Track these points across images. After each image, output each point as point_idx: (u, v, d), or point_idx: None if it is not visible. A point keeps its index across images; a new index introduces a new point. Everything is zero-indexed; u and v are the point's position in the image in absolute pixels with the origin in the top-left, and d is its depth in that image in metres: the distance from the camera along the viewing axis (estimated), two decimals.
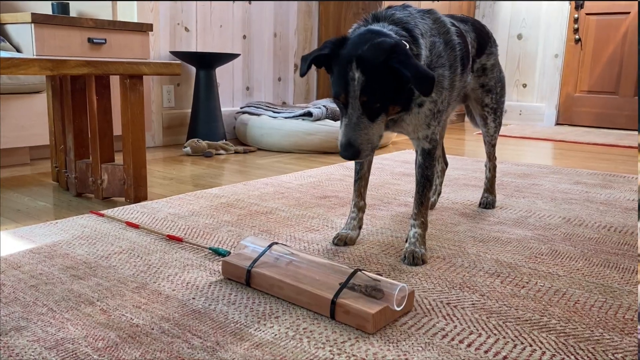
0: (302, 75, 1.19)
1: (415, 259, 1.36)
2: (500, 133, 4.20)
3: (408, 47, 1.17)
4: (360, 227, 1.53)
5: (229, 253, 1.38)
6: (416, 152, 1.41)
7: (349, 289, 1.08)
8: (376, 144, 1.17)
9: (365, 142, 1.14)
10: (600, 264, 1.40)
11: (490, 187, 1.94)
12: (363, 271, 1.10)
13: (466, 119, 1.98)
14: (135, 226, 1.60)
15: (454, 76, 1.37)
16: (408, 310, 1.10)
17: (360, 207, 1.52)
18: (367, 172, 1.51)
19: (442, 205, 1.96)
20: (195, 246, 1.46)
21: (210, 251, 1.42)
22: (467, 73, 1.53)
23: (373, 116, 1.14)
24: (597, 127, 4.72)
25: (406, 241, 1.43)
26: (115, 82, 2.78)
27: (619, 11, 4.51)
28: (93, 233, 1.55)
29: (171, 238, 1.50)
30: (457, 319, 1.08)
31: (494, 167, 1.94)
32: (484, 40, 1.69)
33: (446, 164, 1.98)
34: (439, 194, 1.95)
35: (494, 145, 1.89)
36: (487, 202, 1.92)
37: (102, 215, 1.71)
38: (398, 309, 1.05)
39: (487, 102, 1.78)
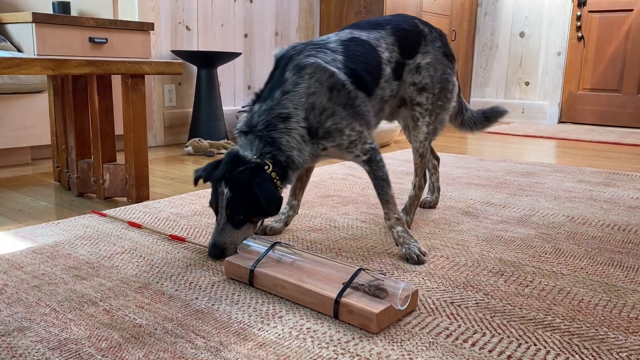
0: (194, 185, 1.43)
1: (418, 257, 1.36)
2: (504, 131, 4.18)
3: (269, 165, 1.32)
4: (286, 224, 1.62)
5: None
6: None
7: (352, 288, 1.07)
8: (239, 244, 1.33)
9: (229, 244, 1.34)
10: (604, 262, 1.39)
11: (409, 206, 1.66)
12: (366, 270, 1.10)
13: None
14: (138, 226, 1.60)
15: (355, 107, 1.39)
16: (412, 309, 1.10)
17: (292, 205, 1.62)
18: (304, 174, 1.61)
19: (445, 204, 1.96)
20: (198, 246, 1.46)
21: None
22: (384, 85, 1.49)
23: (238, 224, 1.33)
24: (600, 125, 4.71)
25: (396, 244, 1.43)
26: (116, 81, 2.77)
27: (622, 8, 4.50)
28: (95, 233, 1.55)
29: (174, 238, 1.50)
30: (461, 318, 1.07)
31: (420, 186, 1.66)
32: (413, 40, 1.55)
33: (437, 159, 1.92)
34: (439, 190, 1.92)
35: (422, 156, 1.62)
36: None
37: (105, 215, 1.71)
38: (402, 308, 1.04)
39: (419, 100, 1.56)
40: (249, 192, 1.28)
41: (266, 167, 1.32)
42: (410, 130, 1.62)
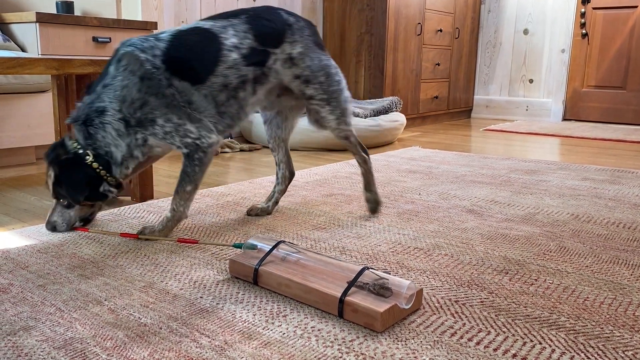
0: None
1: (141, 233, 1.50)
2: (507, 129, 4.17)
3: (91, 155, 1.45)
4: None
5: (255, 247, 1.28)
6: None
7: (357, 287, 1.07)
8: (73, 222, 1.54)
9: (60, 222, 1.52)
10: (609, 260, 1.39)
11: (367, 183, 1.75)
12: (371, 269, 1.10)
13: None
14: (133, 237, 1.59)
15: (167, 97, 1.41)
16: (416, 308, 1.10)
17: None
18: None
19: (449, 202, 1.95)
20: (214, 245, 1.46)
21: (233, 248, 1.42)
22: (226, 72, 1.46)
23: (67, 205, 1.51)
24: (604, 122, 4.69)
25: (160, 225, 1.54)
26: None
27: (626, 5, 4.48)
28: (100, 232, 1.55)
29: (182, 242, 1.50)
30: (466, 316, 1.07)
31: (364, 160, 1.72)
32: (274, 29, 1.53)
33: (291, 173, 1.80)
34: (276, 203, 1.79)
35: (348, 138, 1.68)
36: (370, 201, 1.75)
37: (87, 230, 1.57)
38: (406, 307, 1.04)
39: (310, 93, 1.58)
40: (64, 180, 1.45)
41: (87, 157, 1.44)
42: (319, 125, 1.65)
